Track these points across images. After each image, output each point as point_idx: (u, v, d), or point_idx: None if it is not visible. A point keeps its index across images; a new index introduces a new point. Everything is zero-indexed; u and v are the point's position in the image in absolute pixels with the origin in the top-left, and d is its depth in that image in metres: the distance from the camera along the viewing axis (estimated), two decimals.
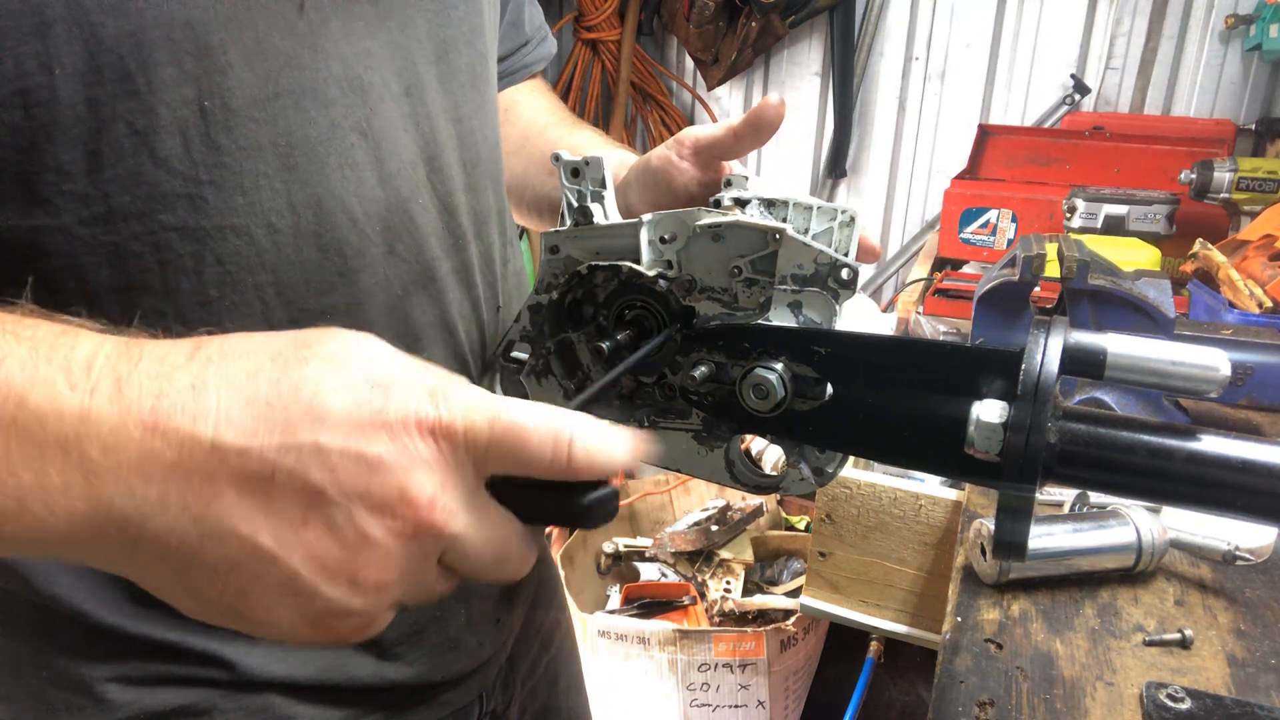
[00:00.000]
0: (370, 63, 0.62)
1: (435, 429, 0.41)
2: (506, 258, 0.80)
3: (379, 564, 0.41)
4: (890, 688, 2.48)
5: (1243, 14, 2.29)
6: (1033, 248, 1.13)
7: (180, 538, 0.39)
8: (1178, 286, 1.43)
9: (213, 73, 0.54)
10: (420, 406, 0.41)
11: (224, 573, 0.40)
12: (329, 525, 0.40)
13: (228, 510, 0.39)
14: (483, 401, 0.42)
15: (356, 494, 0.39)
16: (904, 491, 1.16)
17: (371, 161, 0.63)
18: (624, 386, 0.70)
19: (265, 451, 0.39)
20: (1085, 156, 2.24)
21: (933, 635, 1.19)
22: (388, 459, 0.40)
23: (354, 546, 0.40)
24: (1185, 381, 0.53)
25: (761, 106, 0.76)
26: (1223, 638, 0.82)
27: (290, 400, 0.39)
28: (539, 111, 1.01)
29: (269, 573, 0.40)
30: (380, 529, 0.40)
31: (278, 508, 0.39)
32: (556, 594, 1.03)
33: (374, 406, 0.40)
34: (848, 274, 0.60)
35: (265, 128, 0.57)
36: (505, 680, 0.90)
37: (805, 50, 2.76)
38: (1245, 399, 1.13)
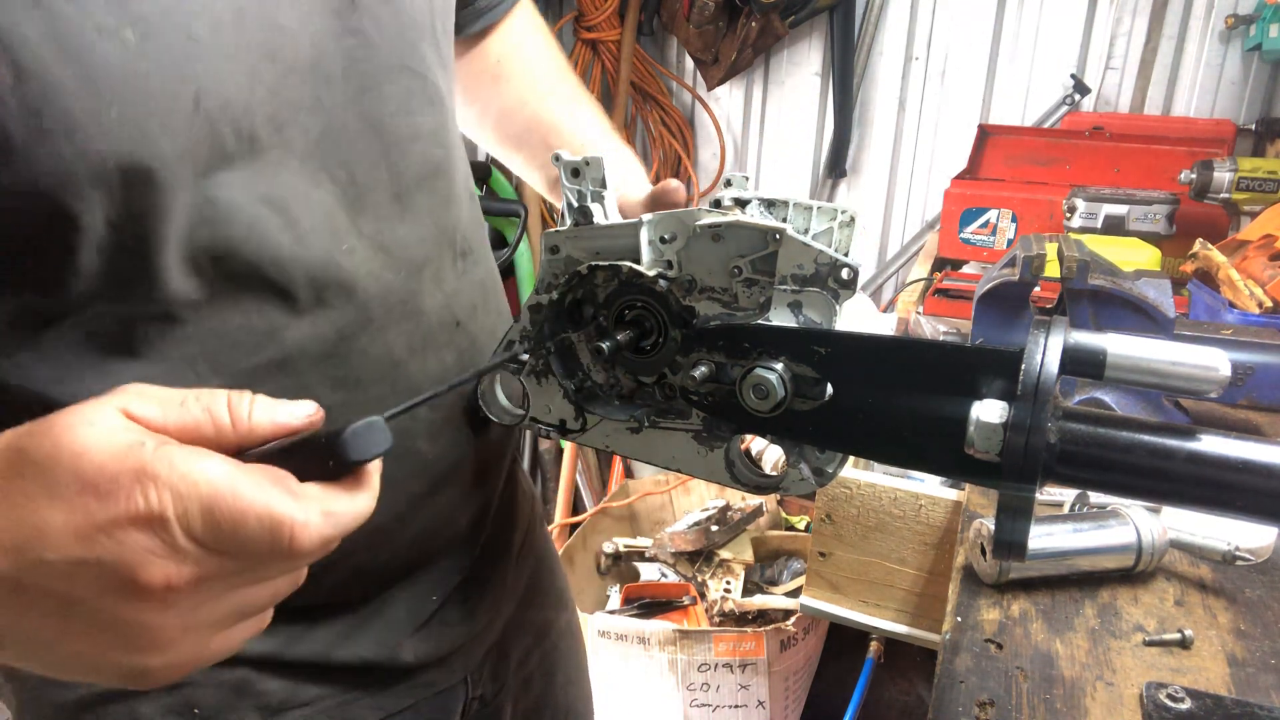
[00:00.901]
0: (271, 129, 0.60)
1: (148, 521, 0.41)
2: (462, 271, 0.77)
3: (146, 637, 0.43)
4: (890, 688, 2.48)
5: (1243, 14, 2.29)
6: (1033, 248, 1.13)
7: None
8: (1178, 286, 1.43)
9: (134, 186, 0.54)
10: (130, 502, 0.41)
11: (33, 660, 0.46)
12: (87, 617, 0.43)
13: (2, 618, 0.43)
14: (199, 480, 0.42)
15: (97, 591, 0.42)
16: (904, 491, 1.15)
17: (283, 222, 0.61)
18: (624, 386, 0.70)
19: (3, 573, 0.42)
20: (1085, 156, 2.23)
21: (933, 635, 1.19)
22: (110, 558, 0.41)
23: (115, 627, 0.43)
24: (1185, 381, 0.53)
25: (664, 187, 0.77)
26: (1223, 638, 0.82)
27: (11, 522, 0.41)
28: (538, 71, 0.98)
29: (62, 656, 0.44)
30: (129, 609, 0.42)
31: (38, 611, 0.43)
32: (550, 594, 1.03)
33: (87, 512, 0.41)
34: (848, 274, 0.60)
35: (179, 222, 0.57)
36: (496, 669, 0.91)
37: (805, 50, 2.76)
38: (1245, 399, 1.13)
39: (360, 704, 0.77)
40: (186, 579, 0.42)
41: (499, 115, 0.97)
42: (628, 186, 0.88)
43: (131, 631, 0.43)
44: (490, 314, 0.80)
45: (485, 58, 0.96)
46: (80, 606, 0.42)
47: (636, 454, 0.70)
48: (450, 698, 0.85)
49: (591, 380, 0.71)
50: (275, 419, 0.46)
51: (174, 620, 0.43)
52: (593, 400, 0.71)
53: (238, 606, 0.46)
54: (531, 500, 1.00)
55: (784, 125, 2.87)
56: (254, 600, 0.47)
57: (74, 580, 0.41)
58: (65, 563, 0.41)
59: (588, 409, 0.71)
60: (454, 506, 0.79)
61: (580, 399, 0.71)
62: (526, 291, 2.54)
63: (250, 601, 0.46)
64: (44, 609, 0.42)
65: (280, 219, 0.61)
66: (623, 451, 0.71)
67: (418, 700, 0.82)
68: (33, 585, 0.42)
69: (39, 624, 0.43)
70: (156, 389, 0.45)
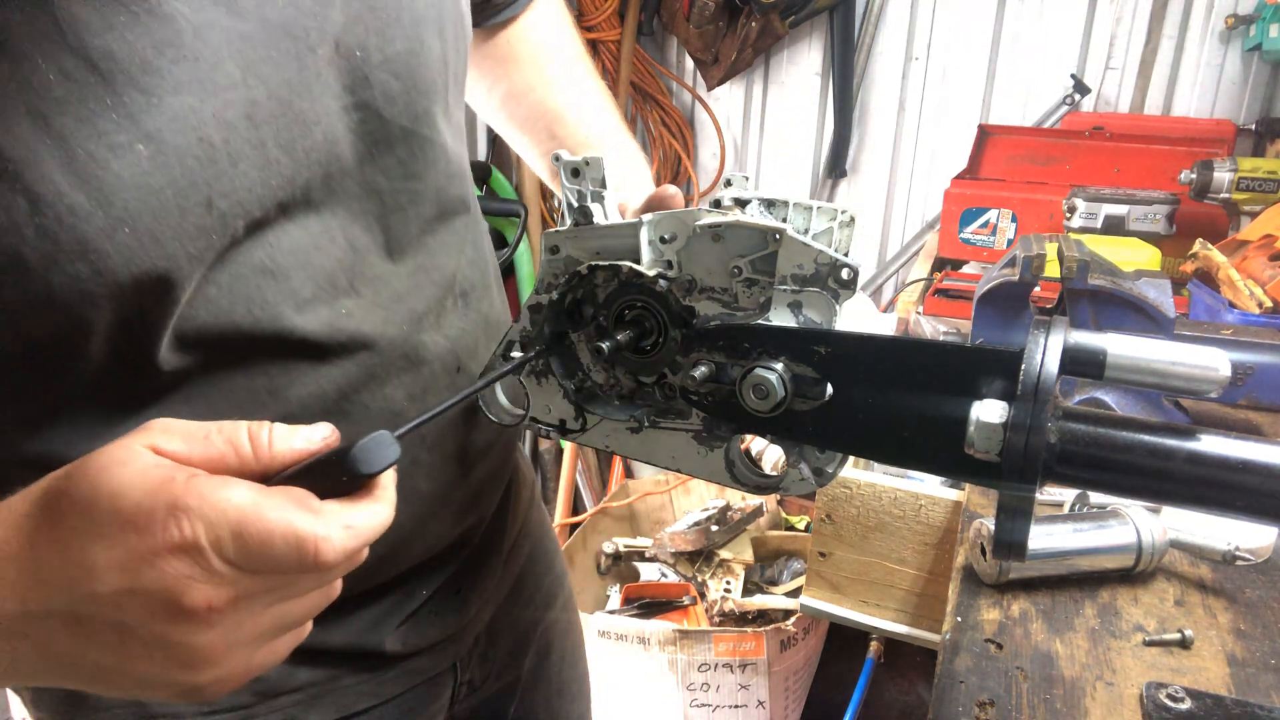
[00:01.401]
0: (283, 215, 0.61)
1: (184, 549, 0.44)
2: (464, 310, 0.77)
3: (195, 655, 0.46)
4: (890, 688, 2.48)
5: (1243, 14, 2.29)
6: (1033, 248, 1.13)
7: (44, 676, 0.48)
8: (1178, 286, 1.43)
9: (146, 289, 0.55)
10: (167, 534, 0.44)
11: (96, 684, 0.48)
12: (140, 642, 0.45)
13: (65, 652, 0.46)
14: (227, 508, 0.44)
15: (146, 617, 0.45)
16: (904, 491, 1.15)
17: (283, 293, 0.62)
18: (624, 386, 0.70)
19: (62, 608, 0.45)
20: (1085, 156, 2.23)
21: (933, 635, 1.19)
22: (154, 586, 0.44)
23: (166, 648, 0.46)
24: (1185, 381, 0.53)
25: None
26: (1223, 638, 0.82)
27: (61, 562, 0.45)
28: (550, 58, 0.98)
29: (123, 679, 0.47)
30: (177, 631, 0.45)
31: (97, 640, 0.46)
32: (546, 577, 1.03)
33: (128, 547, 0.44)
34: (848, 274, 0.60)
35: (187, 308, 0.58)
36: (486, 653, 0.92)
37: (805, 50, 2.76)
38: (1245, 399, 1.13)
39: (351, 690, 0.79)
40: (225, 599, 0.45)
41: (505, 97, 0.98)
42: (627, 191, 0.88)
43: (182, 651, 0.45)
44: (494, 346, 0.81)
45: (499, 41, 0.96)
46: (134, 633, 0.45)
47: (636, 454, 0.70)
48: (439, 683, 0.86)
49: (591, 380, 0.71)
50: (293, 445, 0.48)
51: (219, 638, 0.46)
52: (593, 400, 0.71)
53: (277, 621, 0.48)
54: (531, 485, 1.00)
55: (784, 125, 2.87)
56: (292, 614, 0.49)
57: (124, 609, 0.44)
58: (114, 594, 0.44)
59: (588, 409, 0.71)
60: (446, 500, 0.79)
61: (580, 399, 0.71)
62: (526, 291, 2.54)
63: (288, 615, 0.49)
64: (103, 638, 0.45)
65: (280, 287, 0.61)
66: (623, 451, 0.71)
67: (407, 687, 0.83)
68: (89, 617, 0.45)
69: (100, 652, 0.46)
70: (180, 423, 0.47)
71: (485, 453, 0.83)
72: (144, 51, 0.51)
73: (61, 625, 0.45)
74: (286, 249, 0.61)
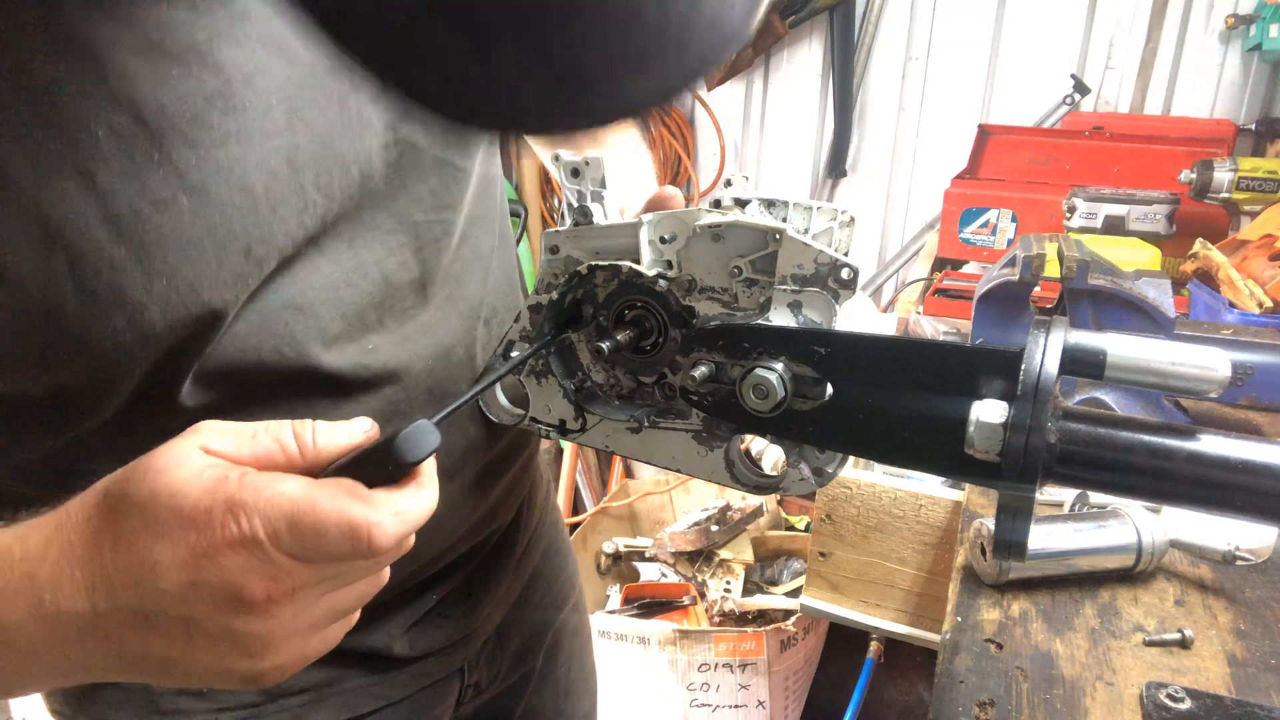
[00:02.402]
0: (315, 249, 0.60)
1: (243, 543, 0.46)
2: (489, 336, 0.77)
3: (257, 644, 0.48)
4: (890, 688, 2.48)
5: (1243, 14, 2.29)
6: (1033, 248, 1.13)
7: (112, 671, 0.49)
8: (1178, 286, 1.43)
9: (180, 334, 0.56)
10: (226, 530, 0.45)
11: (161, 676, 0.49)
12: (207, 634, 0.47)
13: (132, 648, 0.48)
14: (282, 501, 0.46)
15: (211, 610, 0.46)
16: (904, 491, 1.15)
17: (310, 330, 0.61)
18: (624, 386, 0.70)
19: (129, 606, 0.47)
20: (1085, 156, 2.23)
21: (933, 635, 1.19)
22: (216, 580, 0.46)
23: (230, 638, 0.47)
24: (1185, 382, 0.53)
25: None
26: (1223, 638, 0.82)
27: (126, 562, 0.46)
28: None
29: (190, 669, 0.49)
30: (240, 622, 0.47)
31: (163, 635, 0.47)
32: (563, 569, 1.03)
33: (189, 545, 0.46)
34: (848, 274, 0.60)
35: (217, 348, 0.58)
36: (492, 656, 0.92)
37: (805, 50, 2.76)
38: (1245, 399, 1.13)
39: (358, 691, 0.78)
40: (284, 590, 0.47)
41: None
42: (631, 192, 0.87)
43: (244, 640, 0.47)
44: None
45: None
46: (199, 625, 0.47)
47: (636, 454, 0.70)
48: (446, 685, 0.86)
49: (591, 380, 0.71)
50: (336, 439, 0.50)
51: (278, 627, 0.48)
52: (593, 400, 0.71)
53: (330, 608, 0.50)
54: (546, 486, 1.00)
55: (784, 125, 2.87)
56: (344, 602, 0.51)
57: (189, 603, 0.46)
58: (179, 589, 0.46)
59: (588, 409, 0.71)
60: (464, 520, 0.79)
61: (580, 399, 0.71)
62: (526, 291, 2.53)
63: (341, 603, 0.51)
64: (169, 632, 0.47)
65: (309, 324, 0.61)
66: (623, 451, 0.71)
67: (414, 689, 0.82)
68: (156, 613, 0.46)
69: (167, 645, 0.47)
70: (228, 424, 0.49)
71: (505, 470, 0.83)
72: (195, 105, 0.50)
73: (130, 623, 0.47)
74: (317, 284, 0.61)
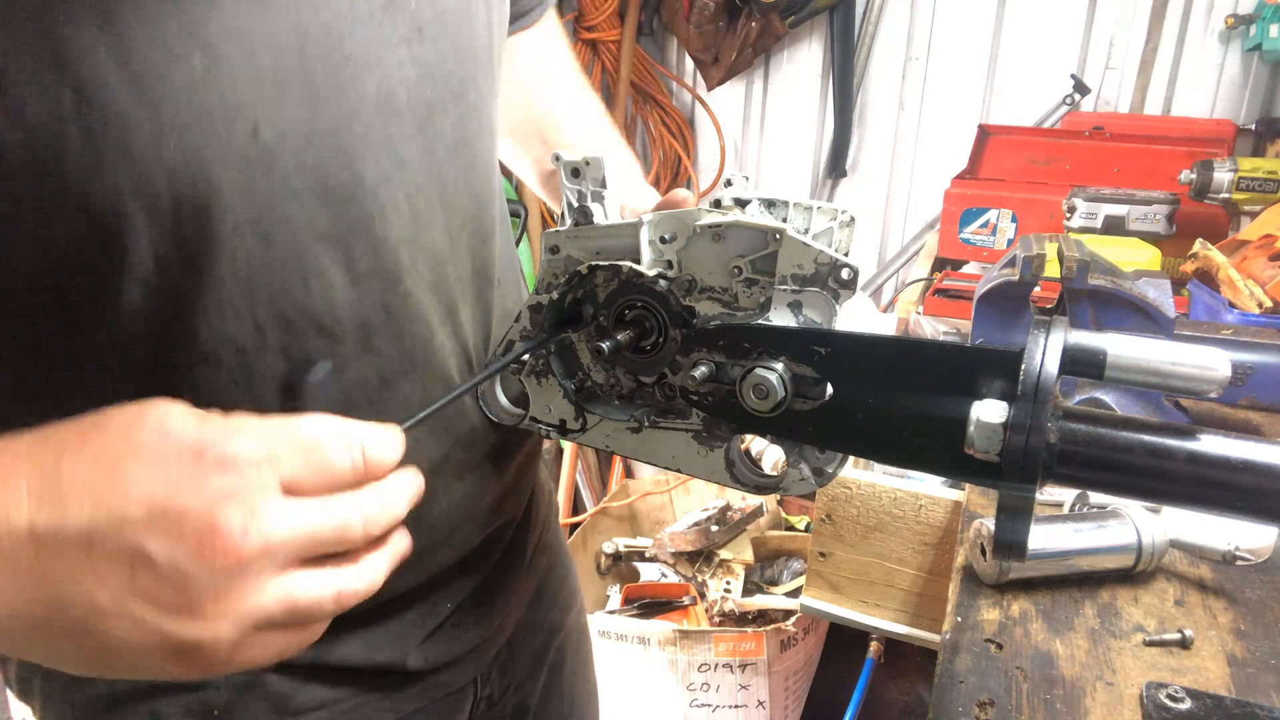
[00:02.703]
0: (339, 164, 0.59)
1: (235, 463, 0.43)
2: (497, 302, 0.77)
3: (207, 597, 0.42)
4: (890, 688, 2.48)
5: (1243, 14, 2.29)
6: (1033, 248, 1.13)
7: (30, 617, 0.43)
8: (1178, 286, 1.43)
9: (187, 209, 0.53)
10: (216, 450, 0.43)
11: (79, 635, 0.43)
12: (155, 572, 0.42)
13: (59, 582, 0.42)
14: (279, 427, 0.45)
15: (171, 541, 0.42)
16: (904, 491, 1.16)
17: (342, 266, 0.60)
18: (624, 386, 0.70)
19: (77, 526, 0.42)
20: (1085, 156, 2.23)
21: (933, 635, 1.19)
22: (191, 505, 0.42)
23: (182, 585, 0.42)
24: (1185, 381, 0.53)
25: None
26: (1223, 638, 0.82)
27: (90, 474, 0.42)
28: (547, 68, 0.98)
29: (115, 625, 0.43)
30: (200, 561, 0.42)
31: (103, 569, 0.42)
32: (561, 590, 1.03)
33: (172, 465, 0.42)
34: (848, 274, 0.60)
35: (228, 261, 0.56)
36: (504, 668, 0.91)
37: (805, 50, 2.76)
38: (1245, 399, 1.13)
39: (372, 706, 0.77)
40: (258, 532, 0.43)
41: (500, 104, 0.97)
42: (637, 197, 0.87)
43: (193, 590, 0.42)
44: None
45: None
46: (148, 562, 0.42)
47: (636, 454, 0.70)
48: (459, 698, 0.85)
49: (591, 380, 0.71)
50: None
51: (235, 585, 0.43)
52: (593, 400, 0.71)
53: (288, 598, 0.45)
54: (549, 496, 1.00)
55: (784, 125, 2.87)
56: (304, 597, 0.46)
57: (150, 530, 0.42)
58: (145, 511, 0.42)
59: (588, 409, 0.71)
60: (472, 505, 0.79)
61: (580, 399, 0.71)
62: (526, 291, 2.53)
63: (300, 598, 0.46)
64: (110, 568, 0.42)
65: (340, 259, 0.60)
66: (623, 451, 0.71)
67: (428, 702, 0.82)
68: (103, 539, 0.42)
69: (99, 586, 0.42)
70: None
71: (514, 453, 0.83)
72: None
73: (68, 548, 0.42)
74: (353, 217, 0.60)
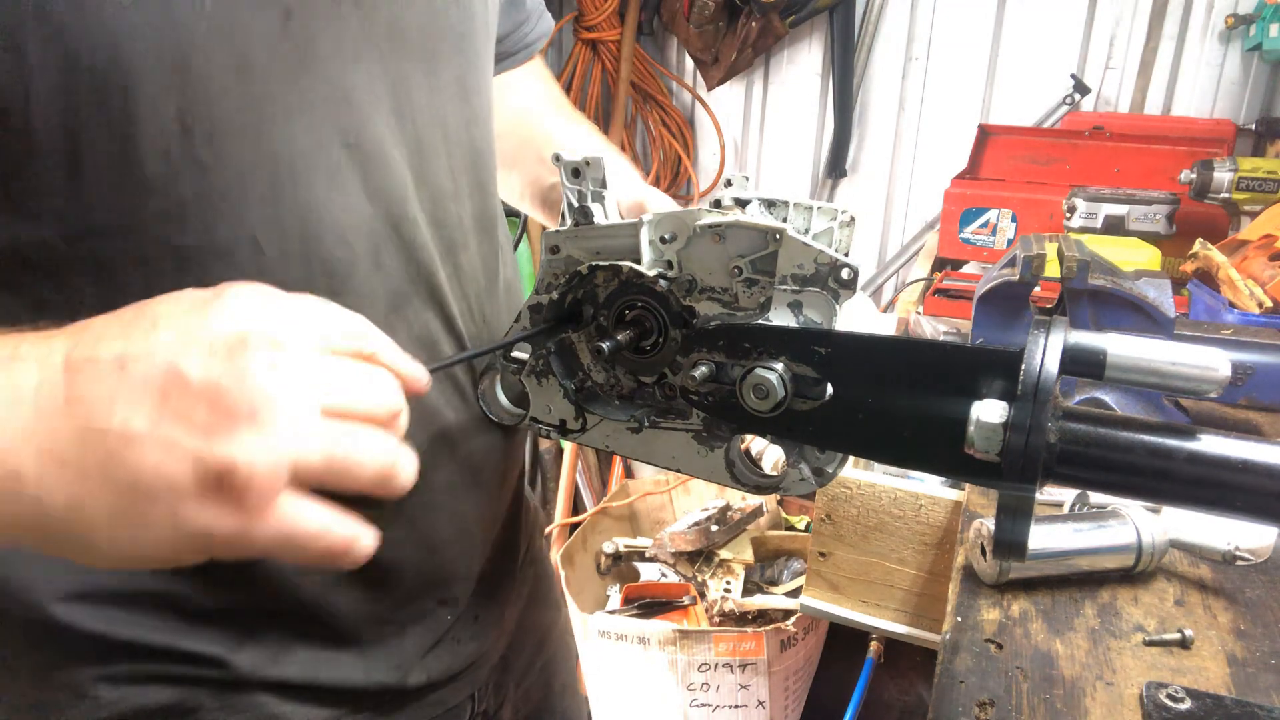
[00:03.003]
0: (357, 79, 0.61)
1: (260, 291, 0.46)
2: (496, 268, 0.79)
3: (249, 411, 0.42)
4: (890, 688, 2.48)
5: (1243, 14, 2.28)
6: (1033, 248, 1.13)
7: (59, 455, 0.42)
8: (1178, 286, 1.43)
9: (194, 88, 0.53)
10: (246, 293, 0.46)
11: (110, 467, 0.42)
12: (188, 390, 0.42)
13: (93, 406, 0.42)
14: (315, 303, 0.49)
15: (205, 359, 0.43)
16: (904, 491, 1.15)
17: (359, 177, 0.62)
18: (624, 386, 0.70)
19: (110, 351, 0.43)
20: (1085, 156, 2.23)
21: (933, 635, 1.19)
22: (225, 325, 0.44)
23: (215, 399, 0.42)
24: (1185, 381, 0.53)
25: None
26: (1223, 638, 0.82)
27: (129, 316, 0.45)
28: (537, 96, 1.00)
29: (148, 452, 0.42)
30: (235, 380, 0.43)
31: (137, 390, 0.42)
32: (551, 592, 1.03)
33: (201, 295, 0.46)
34: (848, 274, 0.60)
35: (250, 145, 0.57)
36: (499, 682, 0.91)
37: (805, 50, 2.76)
38: (1245, 399, 1.13)
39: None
40: (290, 339, 0.45)
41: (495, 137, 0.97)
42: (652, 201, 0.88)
43: (228, 401, 0.42)
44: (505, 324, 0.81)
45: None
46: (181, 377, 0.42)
47: (636, 454, 0.70)
48: (457, 714, 0.85)
49: (591, 380, 0.71)
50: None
51: (272, 385, 0.43)
52: (593, 400, 0.71)
53: (341, 380, 0.46)
54: (535, 512, 1.01)
55: (784, 125, 2.87)
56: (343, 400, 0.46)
57: (184, 345, 0.43)
58: (179, 330, 0.43)
59: (588, 409, 0.71)
60: (474, 523, 0.79)
61: (580, 399, 0.71)
62: (526, 292, 2.52)
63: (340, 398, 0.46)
64: (143, 388, 0.42)
65: (359, 169, 0.62)
66: (623, 451, 0.71)
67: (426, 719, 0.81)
68: (138, 358, 0.43)
69: (133, 409, 0.42)
70: None
71: (511, 472, 0.84)
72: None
73: (104, 372, 0.42)
74: (370, 132, 0.62)
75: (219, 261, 0.58)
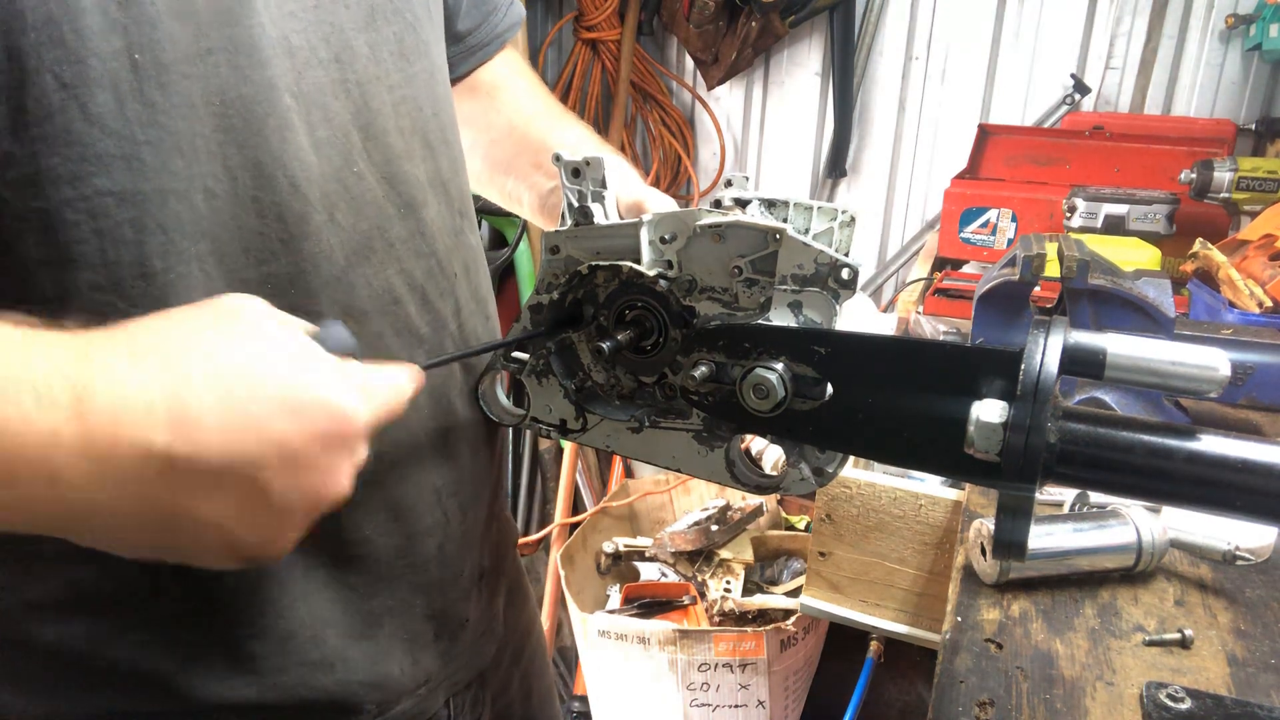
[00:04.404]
0: (296, 25, 0.62)
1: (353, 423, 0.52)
2: (459, 229, 0.79)
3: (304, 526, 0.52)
4: (890, 688, 2.48)
5: (1243, 14, 2.28)
6: (1033, 247, 1.13)
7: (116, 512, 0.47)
8: (1178, 286, 1.43)
9: (141, 23, 0.53)
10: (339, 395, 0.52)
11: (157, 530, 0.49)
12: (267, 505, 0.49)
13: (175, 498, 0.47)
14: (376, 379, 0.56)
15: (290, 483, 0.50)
16: (904, 491, 1.15)
17: (304, 126, 0.63)
18: (624, 386, 0.70)
19: (212, 463, 0.47)
20: (1085, 156, 2.23)
21: (933, 635, 1.19)
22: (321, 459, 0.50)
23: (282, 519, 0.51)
24: (1185, 381, 0.53)
25: None
26: (1223, 638, 0.82)
27: (222, 410, 0.47)
28: (526, 98, 1.00)
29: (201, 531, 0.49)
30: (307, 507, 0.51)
31: (223, 498, 0.48)
32: (527, 602, 1.03)
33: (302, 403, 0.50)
34: (848, 274, 0.60)
35: (199, 84, 0.56)
36: (476, 697, 0.90)
37: (805, 50, 2.76)
38: (1245, 399, 1.13)
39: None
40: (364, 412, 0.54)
41: (489, 144, 0.97)
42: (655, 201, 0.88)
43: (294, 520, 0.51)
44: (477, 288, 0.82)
45: (475, 90, 0.97)
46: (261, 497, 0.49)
47: (637, 454, 0.70)
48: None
49: (592, 380, 0.71)
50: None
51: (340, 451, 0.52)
52: (593, 400, 0.71)
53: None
54: (512, 528, 1.00)
55: (784, 125, 2.87)
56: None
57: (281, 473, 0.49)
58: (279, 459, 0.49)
59: (588, 409, 0.71)
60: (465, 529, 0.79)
61: (581, 399, 0.71)
62: (526, 291, 2.54)
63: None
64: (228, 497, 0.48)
65: (303, 120, 0.62)
66: (623, 451, 0.71)
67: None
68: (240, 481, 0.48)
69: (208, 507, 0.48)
70: None
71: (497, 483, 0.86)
72: None
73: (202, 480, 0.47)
74: (310, 83, 0.64)
75: (175, 204, 0.57)
